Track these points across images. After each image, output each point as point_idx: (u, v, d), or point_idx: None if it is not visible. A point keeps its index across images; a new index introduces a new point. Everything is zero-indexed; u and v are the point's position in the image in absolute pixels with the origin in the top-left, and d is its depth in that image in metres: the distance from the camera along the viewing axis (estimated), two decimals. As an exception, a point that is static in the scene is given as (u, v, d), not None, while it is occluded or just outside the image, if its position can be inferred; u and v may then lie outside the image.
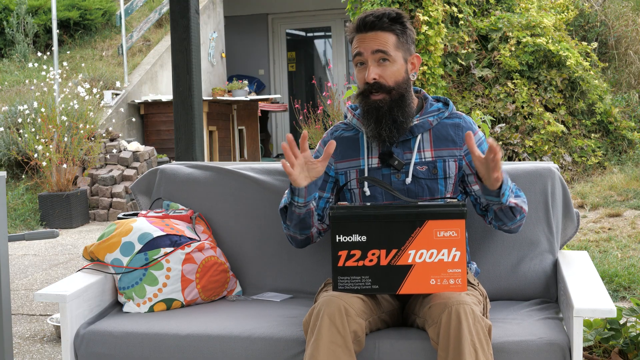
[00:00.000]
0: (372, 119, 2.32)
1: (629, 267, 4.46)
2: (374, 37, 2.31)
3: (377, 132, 2.32)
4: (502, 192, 2.20)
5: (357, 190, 2.40)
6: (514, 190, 2.29)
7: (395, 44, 2.32)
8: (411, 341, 2.19)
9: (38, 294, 2.42)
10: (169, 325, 2.40)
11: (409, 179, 2.35)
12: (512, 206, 2.27)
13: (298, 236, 2.44)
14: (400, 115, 2.31)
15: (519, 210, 2.30)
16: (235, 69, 13.01)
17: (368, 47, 2.31)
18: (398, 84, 2.32)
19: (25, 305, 4.57)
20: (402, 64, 2.34)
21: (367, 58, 2.32)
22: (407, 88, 2.35)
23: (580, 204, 6.22)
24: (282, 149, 2.14)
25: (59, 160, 7.37)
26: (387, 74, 2.31)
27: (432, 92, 7.19)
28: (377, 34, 2.31)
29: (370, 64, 2.31)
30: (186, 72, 4.10)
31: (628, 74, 8.61)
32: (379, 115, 2.31)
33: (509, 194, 2.24)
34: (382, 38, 2.31)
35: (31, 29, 10.34)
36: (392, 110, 2.31)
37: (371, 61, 2.31)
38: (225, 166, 2.94)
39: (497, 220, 2.36)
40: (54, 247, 6.44)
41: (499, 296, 2.61)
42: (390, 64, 2.31)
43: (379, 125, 2.31)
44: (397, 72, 2.32)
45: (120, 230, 2.63)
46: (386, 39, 2.31)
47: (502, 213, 2.31)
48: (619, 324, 2.95)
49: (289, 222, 2.39)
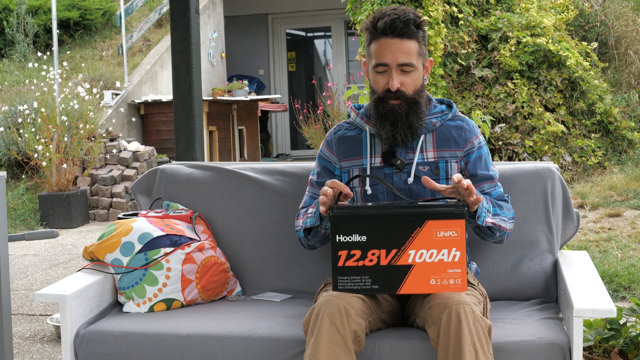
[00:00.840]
0: (388, 122, 2.34)
1: (629, 267, 4.46)
2: (401, 46, 2.29)
3: (393, 135, 2.34)
4: (477, 215, 2.24)
5: (358, 189, 2.41)
6: (491, 210, 2.31)
7: (418, 52, 2.33)
8: (411, 341, 2.19)
9: (38, 294, 2.42)
10: (169, 325, 2.40)
11: (410, 178, 2.36)
12: (489, 226, 2.30)
13: (318, 246, 2.50)
14: (415, 120, 2.34)
15: (497, 228, 2.34)
16: (235, 69, 13.01)
17: (395, 58, 2.30)
18: (416, 92, 2.34)
19: (25, 305, 4.57)
20: (421, 71, 2.36)
21: (392, 67, 2.31)
22: (422, 94, 2.37)
23: (580, 204, 6.22)
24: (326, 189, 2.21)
25: (59, 160, 7.37)
26: (408, 83, 2.32)
27: (432, 92, 7.19)
28: (403, 42, 2.30)
29: (394, 72, 2.31)
30: (186, 72, 4.10)
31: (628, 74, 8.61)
32: (395, 120, 2.33)
33: (485, 215, 2.27)
34: (407, 47, 2.30)
35: (31, 29, 10.34)
36: (409, 116, 2.33)
37: (395, 70, 2.31)
38: (225, 166, 2.94)
39: (476, 233, 2.40)
40: (54, 247, 6.45)
41: (499, 296, 2.61)
42: (413, 73, 2.33)
43: (395, 128, 2.33)
44: (417, 80, 2.34)
45: (120, 230, 2.63)
46: (411, 48, 2.30)
47: (479, 230, 2.35)
48: (619, 324, 2.95)
49: (311, 237, 2.44)
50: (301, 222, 2.46)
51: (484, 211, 2.26)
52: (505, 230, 2.38)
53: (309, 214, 2.40)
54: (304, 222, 2.43)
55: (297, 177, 2.81)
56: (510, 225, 2.39)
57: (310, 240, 2.46)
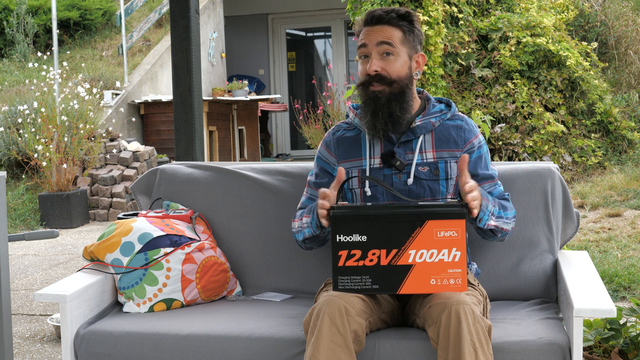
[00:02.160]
0: (369, 111, 2.32)
1: (629, 267, 4.46)
2: (380, 30, 2.32)
3: (372, 124, 2.32)
4: (479, 218, 2.25)
5: (358, 190, 2.40)
6: (495, 213, 2.31)
7: (401, 39, 2.32)
8: (411, 341, 2.19)
9: (38, 294, 2.42)
10: (169, 325, 2.40)
11: (410, 179, 2.35)
12: (492, 228, 2.31)
13: (315, 247, 2.50)
14: (397, 109, 2.31)
15: (499, 230, 2.35)
16: (235, 69, 13.01)
17: (373, 39, 2.31)
18: (400, 78, 2.32)
19: (25, 305, 4.57)
20: (406, 59, 2.34)
21: (371, 50, 2.32)
22: (409, 84, 2.35)
23: (580, 204, 6.22)
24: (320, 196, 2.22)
25: (59, 160, 7.37)
26: (390, 68, 2.31)
27: (432, 92, 7.19)
28: (383, 27, 2.32)
29: (373, 56, 2.31)
30: (186, 72, 4.09)
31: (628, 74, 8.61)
32: (376, 107, 2.31)
33: (488, 218, 2.28)
34: (388, 32, 2.32)
35: (31, 29, 10.34)
36: (390, 103, 2.31)
37: (375, 53, 2.31)
38: (225, 166, 2.94)
39: (477, 232, 2.41)
40: (54, 247, 6.45)
41: (499, 296, 2.61)
42: (394, 58, 2.31)
43: (375, 117, 2.31)
44: (400, 68, 2.32)
45: (120, 230, 2.63)
46: (392, 33, 2.32)
47: (480, 231, 2.36)
48: (619, 324, 2.95)
49: (308, 241, 2.44)
50: (297, 225, 2.46)
51: (487, 214, 2.26)
52: (508, 231, 2.38)
53: (305, 223, 2.40)
54: (302, 232, 2.42)
55: (297, 177, 2.81)
56: (511, 225, 2.40)
57: (307, 243, 2.46)
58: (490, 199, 2.31)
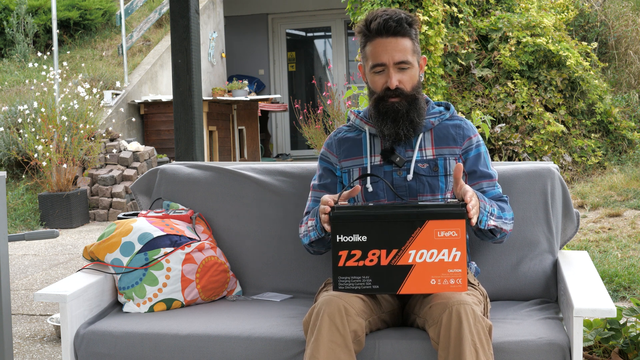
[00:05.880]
0: (389, 119, 2.37)
1: (629, 267, 4.45)
2: (396, 44, 2.33)
3: (395, 132, 2.37)
4: (479, 219, 2.25)
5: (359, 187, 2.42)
6: (494, 213, 2.32)
7: (412, 49, 2.37)
8: (411, 341, 2.19)
9: (38, 294, 2.42)
10: (169, 325, 2.40)
11: (410, 175, 2.37)
12: (491, 229, 2.32)
13: (323, 251, 2.51)
14: (416, 115, 2.38)
15: (499, 230, 2.35)
16: (235, 69, 13.01)
17: (391, 57, 2.33)
18: (414, 88, 2.38)
19: (25, 305, 4.57)
20: (417, 67, 2.40)
21: (389, 66, 2.34)
22: (420, 90, 2.42)
23: (580, 204, 6.22)
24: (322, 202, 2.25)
25: (59, 160, 7.37)
26: (406, 80, 2.36)
27: (432, 92, 7.19)
28: (397, 40, 2.34)
29: (392, 71, 2.35)
30: (186, 72, 4.10)
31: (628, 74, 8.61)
32: (396, 117, 2.36)
33: (488, 218, 2.28)
34: (401, 45, 2.34)
35: (31, 29, 10.33)
36: (409, 112, 2.36)
37: (393, 69, 2.35)
38: (225, 166, 2.94)
39: (476, 235, 2.41)
40: (54, 247, 6.45)
41: (499, 296, 2.61)
42: (409, 70, 2.37)
43: (397, 125, 2.36)
44: (414, 77, 2.38)
45: (120, 230, 2.63)
46: (405, 45, 2.34)
47: (480, 232, 2.36)
48: (619, 324, 2.95)
49: (315, 245, 2.46)
50: (303, 229, 2.48)
51: (486, 215, 2.27)
52: (507, 232, 2.39)
53: (310, 226, 2.42)
54: (308, 236, 2.44)
55: (297, 177, 2.81)
56: (510, 227, 2.40)
57: (314, 247, 2.47)
58: (486, 199, 2.32)
